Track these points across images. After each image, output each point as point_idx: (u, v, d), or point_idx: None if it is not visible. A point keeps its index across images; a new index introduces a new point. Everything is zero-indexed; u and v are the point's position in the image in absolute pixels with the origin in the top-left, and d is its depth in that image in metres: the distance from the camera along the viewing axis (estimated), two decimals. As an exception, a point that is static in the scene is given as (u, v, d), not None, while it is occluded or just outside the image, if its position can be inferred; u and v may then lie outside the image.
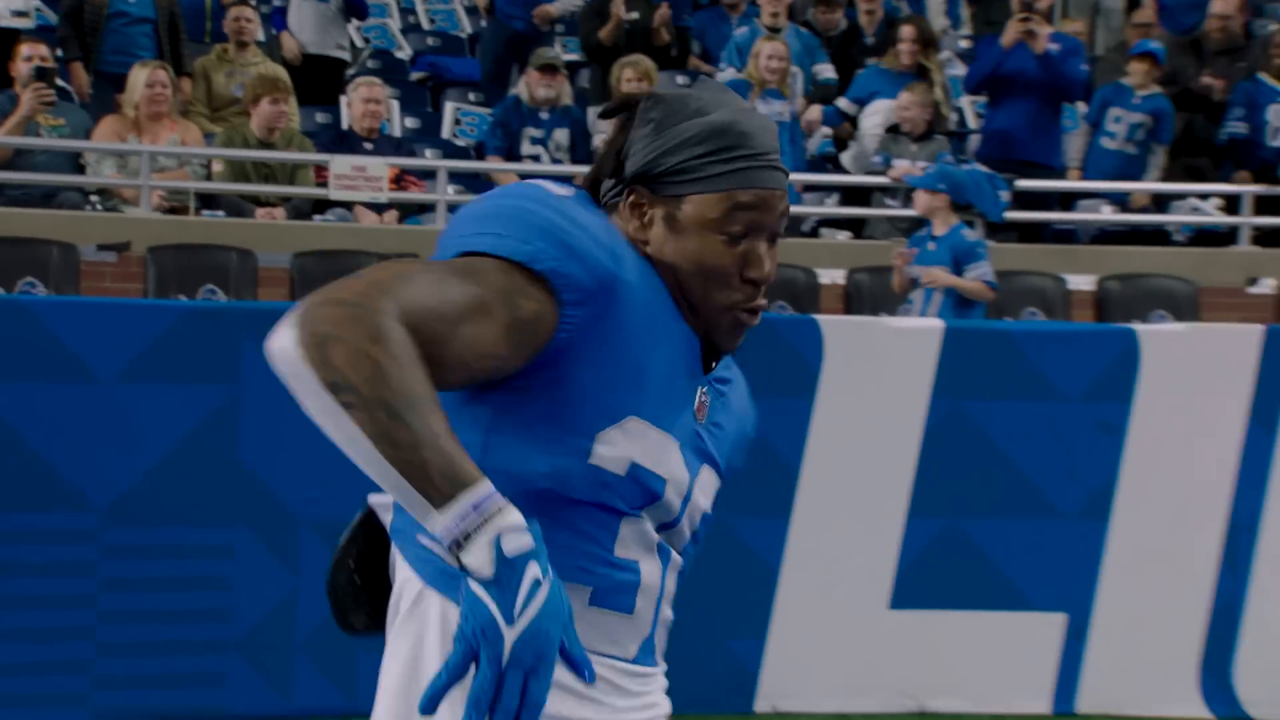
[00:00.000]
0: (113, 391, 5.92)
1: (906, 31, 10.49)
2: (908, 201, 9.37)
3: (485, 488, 1.75)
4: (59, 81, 9.32)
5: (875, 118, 10.42)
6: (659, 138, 2.06)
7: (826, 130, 10.98)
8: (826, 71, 10.93)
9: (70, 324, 5.97)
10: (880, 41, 11.32)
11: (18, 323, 5.94)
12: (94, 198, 9.26)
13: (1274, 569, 6.53)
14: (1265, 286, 9.78)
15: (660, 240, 2.07)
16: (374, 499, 2.03)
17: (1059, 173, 10.38)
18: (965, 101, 11.91)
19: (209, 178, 9.44)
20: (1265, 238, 10.29)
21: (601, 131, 10.03)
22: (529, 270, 1.90)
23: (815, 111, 10.73)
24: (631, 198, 2.08)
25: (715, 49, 11.83)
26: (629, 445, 2.00)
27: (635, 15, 10.74)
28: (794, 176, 10.07)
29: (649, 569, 2.07)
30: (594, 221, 1.99)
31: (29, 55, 8.99)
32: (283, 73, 9.91)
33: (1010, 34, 10.05)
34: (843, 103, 10.81)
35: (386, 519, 2.03)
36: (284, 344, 1.73)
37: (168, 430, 5.96)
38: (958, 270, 7.93)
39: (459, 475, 1.74)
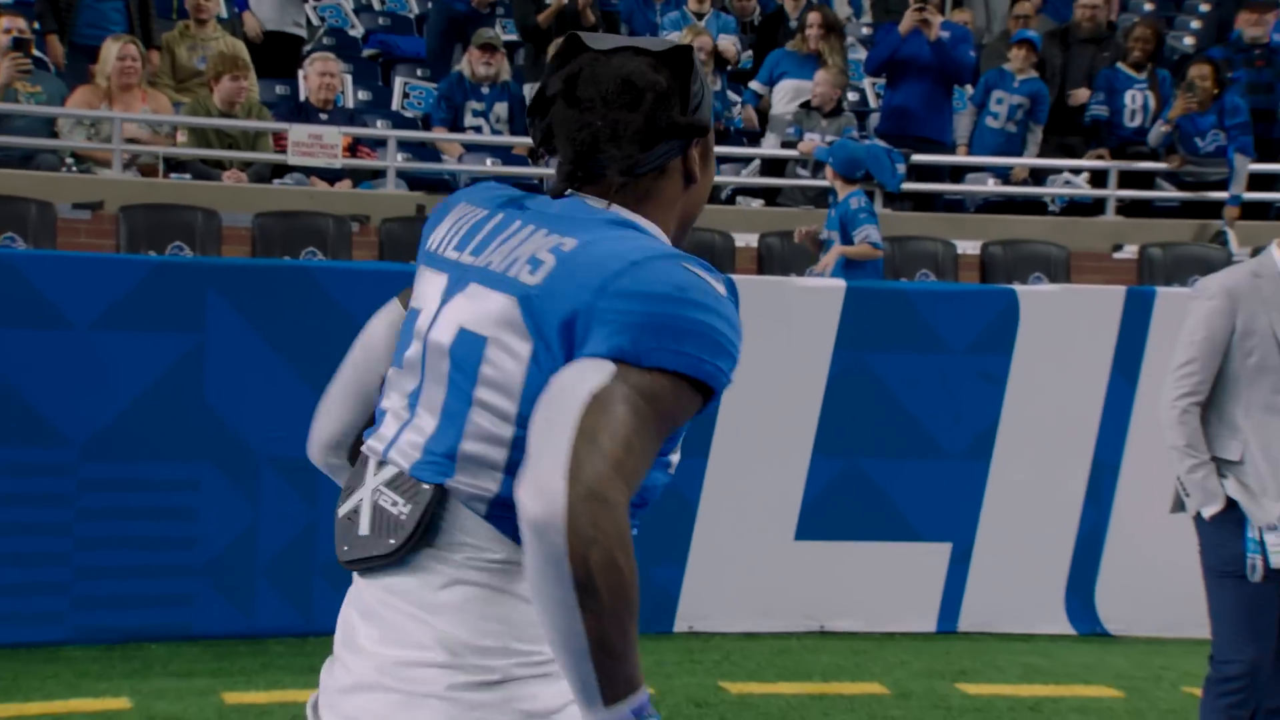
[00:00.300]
0: (88, 338, 5.84)
1: (813, 18, 10.44)
2: (817, 172, 9.38)
3: (645, 693, 1.73)
4: (36, 52, 9.15)
5: (784, 96, 10.38)
6: (701, 82, 1.99)
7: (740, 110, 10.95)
8: (726, 42, 10.80)
9: (48, 276, 5.87)
10: (800, 26, 11.31)
11: None
12: (69, 160, 9.10)
13: (1132, 503, 6.61)
14: (1128, 252, 9.86)
15: (699, 174, 2.01)
16: (454, 486, 1.88)
17: (949, 148, 10.40)
18: (866, 82, 11.91)
19: (174, 143, 9.30)
20: (1128, 209, 10.37)
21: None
22: (702, 384, 1.82)
23: (749, 112, 10.69)
24: (698, 146, 1.98)
25: (641, 31, 11.75)
26: (679, 448, 1.98)
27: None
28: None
29: None
30: (736, 313, 1.89)
31: (7, 27, 8.79)
32: (242, 49, 9.77)
33: (906, 22, 10.04)
34: (755, 85, 10.77)
35: (480, 508, 1.88)
36: (553, 531, 1.66)
37: (139, 374, 5.90)
38: (846, 234, 7.92)
39: (633, 681, 1.71)
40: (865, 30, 13.11)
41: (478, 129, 10.02)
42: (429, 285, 1.98)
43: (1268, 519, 3.96)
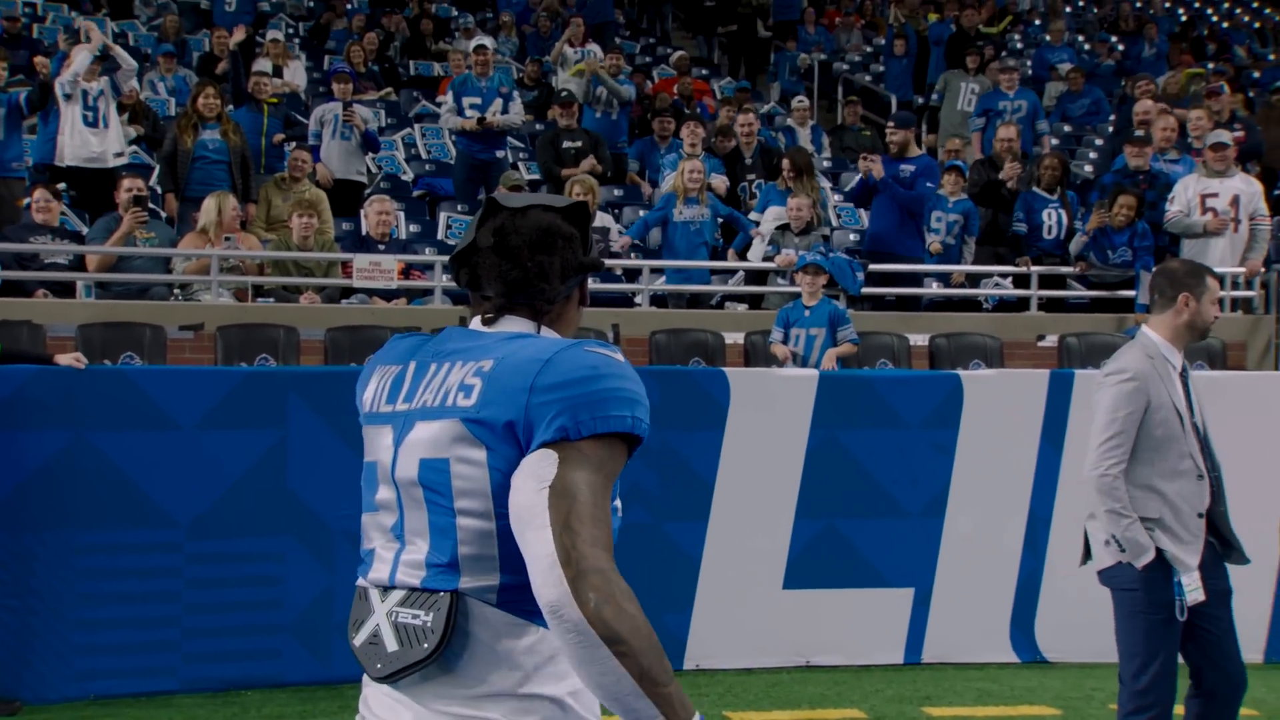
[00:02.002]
0: (192, 436, 5.86)
1: (786, 163, 10.44)
2: (792, 281, 9.40)
3: (697, 714, 1.76)
4: (151, 205, 9.24)
5: (770, 220, 10.37)
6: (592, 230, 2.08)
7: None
8: (717, 180, 10.84)
9: (159, 386, 5.91)
10: (756, 162, 11.39)
11: (120, 386, 5.87)
12: (177, 291, 9.17)
13: (1063, 550, 6.53)
14: (1050, 341, 9.84)
15: (587, 298, 2.10)
16: (465, 587, 1.87)
17: (920, 263, 10.25)
18: (830, 208, 11.95)
19: (261, 274, 9.36)
20: (1048, 305, 10.39)
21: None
22: (629, 435, 1.86)
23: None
24: (590, 279, 2.08)
25: (649, 168, 11.87)
26: (619, 494, 2.01)
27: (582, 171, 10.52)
28: (707, 264, 10.11)
29: None
30: (633, 370, 1.95)
31: (128, 187, 8.92)
32: (323, 198, 9.86)
33: (862, 165, 10.08)
34: (753, 215, 10.76)
35: (491, 598, 1.87)
36: (569, 610, 1.70)
37: (233, 465, 5.91)
38: (833, 330, 7.91)
39: (688, 705, 1.74)
40: (826, 163, 13.21)
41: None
42: (378, 439, 1.99)
43: (1190, 564, 3.92)
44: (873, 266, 9.75)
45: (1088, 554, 4.13)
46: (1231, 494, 4.18)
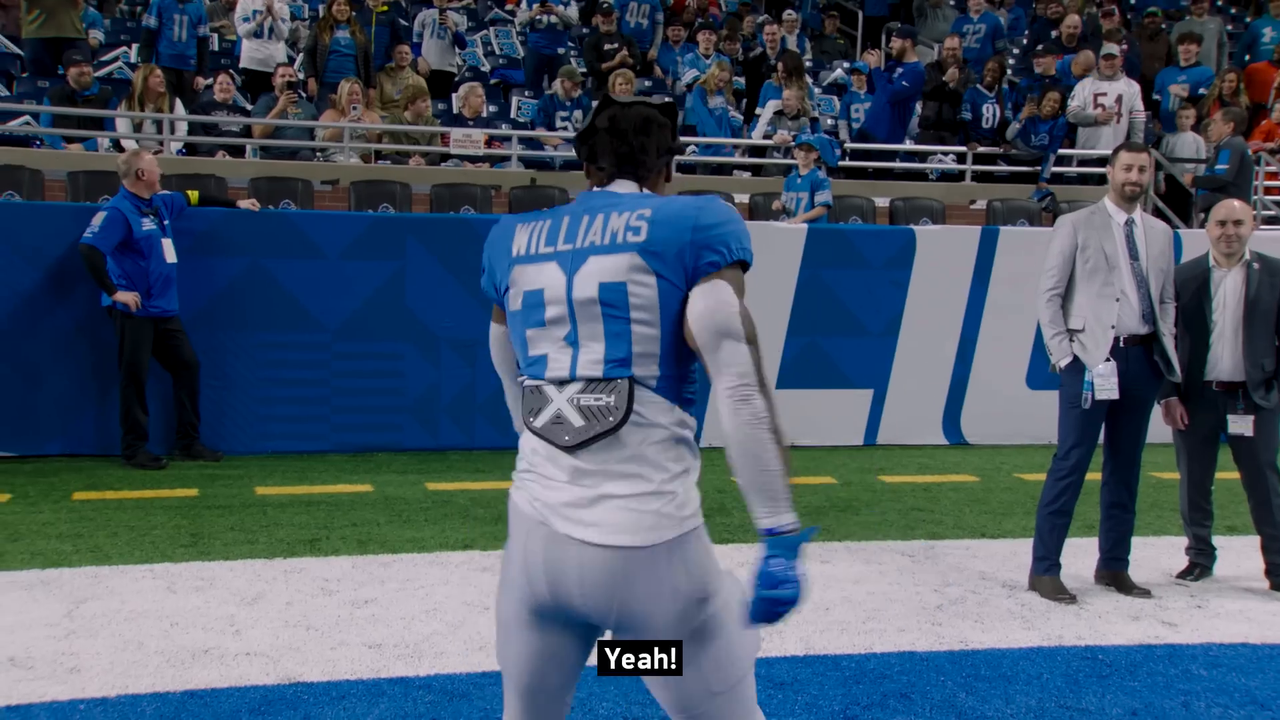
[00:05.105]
0: (336, 264, 5.87)
1: (781, 65, 10.03)
2: (785, 154, 9.14)
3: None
4: (300, 94, 9.05)
5: (769, 109, 10.03)
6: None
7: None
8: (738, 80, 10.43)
9: (312, 225, 5.89)
10: (756, 60, 10.90)
11: (283, 225, 5.86)
12: (318, 154, 9.01)
13: (985, 363, 6.59)
14: (980, 205, 9.65)
15: (671, 175, 2.04)
16: (636, 375, 1.80)
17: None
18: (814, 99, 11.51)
19: (380, 142, 9.17)
20: (979, 177, 10.13)
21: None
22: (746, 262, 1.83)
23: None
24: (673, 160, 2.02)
25: (665, 64, 11.43)
26: None
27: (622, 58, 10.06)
28: (723, 140, 9.80)
29: None
30: None
31: (282, 74, 8.80)
32: (423, 84, 9.57)
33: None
34: (758, 110, 10.39)
35: (651, 384, 1.80)
36: (759, 403, 1.72)
37: (366, 285, 5.93)
38: (813, 194, 7.71)
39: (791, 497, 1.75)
40: (809, 64, 12.68)
41: (565, 129, 9.83)
42: (539, 273, 1.87)
43: (1095, 364, 3.90)
44: (853, 145, 9.48)
45: None
46: None
